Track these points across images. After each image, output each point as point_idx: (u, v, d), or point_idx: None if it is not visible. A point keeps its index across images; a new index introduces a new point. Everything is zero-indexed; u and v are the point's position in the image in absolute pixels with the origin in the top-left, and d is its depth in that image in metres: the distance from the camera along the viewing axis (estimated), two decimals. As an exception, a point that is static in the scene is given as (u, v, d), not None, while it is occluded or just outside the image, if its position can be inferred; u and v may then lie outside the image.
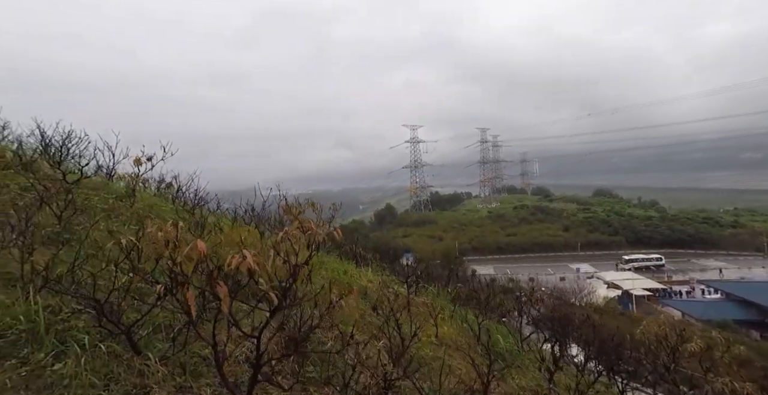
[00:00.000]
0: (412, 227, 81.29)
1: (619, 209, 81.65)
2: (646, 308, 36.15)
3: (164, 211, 4.53)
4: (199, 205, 5.21)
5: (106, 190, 4.49)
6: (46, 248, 3.05)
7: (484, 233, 72.76)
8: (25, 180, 3.79)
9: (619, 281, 42.94)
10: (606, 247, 63.02)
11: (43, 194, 3.16)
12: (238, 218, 4.89)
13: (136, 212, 4.06)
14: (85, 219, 3.58)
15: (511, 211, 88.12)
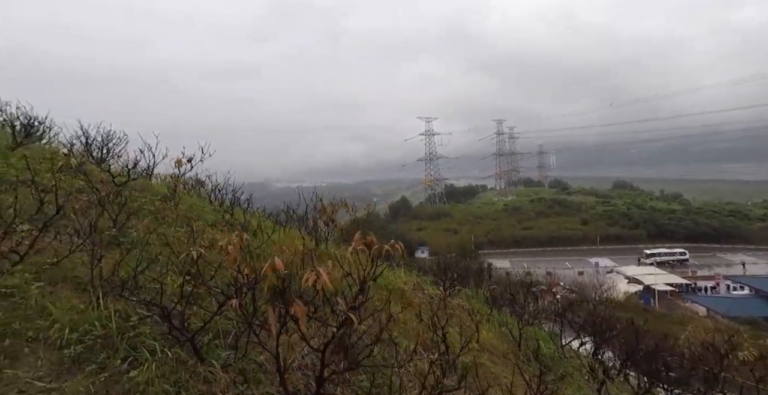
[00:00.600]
0: (426, 221, 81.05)
1: (641, 202, 79.29)
2: (668, 304, 35.25)
3: (205, 212, 4.60)
4: (235, 204, 5.27)
5: (149, 191, 4.59)
6: (106, 252, 3.13)
7: (500, 227, 71.94)
8: (80, 182, 3.91)
9: (640, 275, 41.90)
10: (626, 241, 61.46)
11: (101, 198, 3.25)
12: (277, 220, 4.93)
13: (181, 214, 4.14)
14: (136, 221, 3.67)
15: (528, 204, 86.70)
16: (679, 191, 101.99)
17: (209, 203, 5.16)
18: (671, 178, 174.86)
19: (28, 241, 2.81)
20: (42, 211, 2.73)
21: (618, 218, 68.08)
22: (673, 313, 29.66)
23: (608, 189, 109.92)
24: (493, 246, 64.58)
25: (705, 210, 67.52)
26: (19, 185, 3.43)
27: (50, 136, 4.85)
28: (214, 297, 2.37)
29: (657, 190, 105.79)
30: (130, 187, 4.33)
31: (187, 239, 3.58)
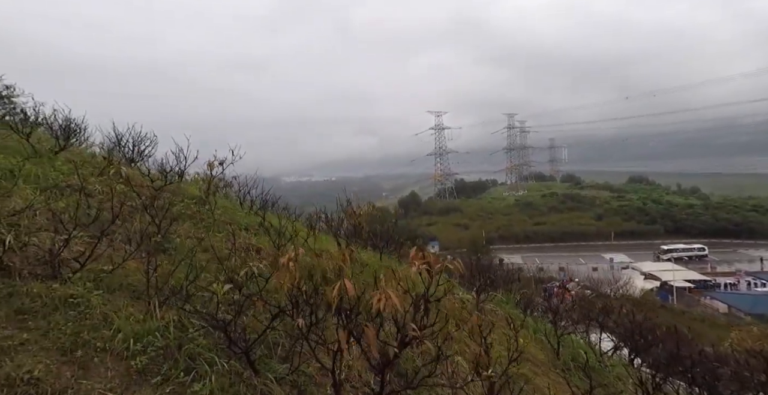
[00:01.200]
0: (437, 216, 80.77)
1: (657, 197, 77.49)
2: (687, 300, 34.50)
3: (238, 215, 4.59)
4: (265, 207, 5.26)
5: (182, 194, 4.60)
6: (153, 258, 3.14)
7: (512, 222, 71.28)
8: (121, 186, 3.94)
9: (657, 271, 41.10)
10: (642, 236, 60.27)
11: (146, 205, 3.26)
12: (311, 225, 4.90)
13: (217, 219, 4.14)
14: (176, 226, 3.68)
15: (540, 199, 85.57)
16: (696, 186, 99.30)
17: (240, 205, 5.15)
18: (689, 172, 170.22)
19: (82, 247, 2.84)
20: (96, 218, 2.73)
21: (633, 213, 66.73)
22: (692, 310, 29.04)
23: (623, 183, 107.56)
24: (504, 242, 64.10)
25: (725, 205, 65.60)
26: (68, 189, 3.46)
27: (86, 137, 4.89)
28: (269, 311, 2.35)
29: (673, 184, 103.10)
30: (165, 190, 4.35)
31: (228, 246, 3.57)
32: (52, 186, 3.39)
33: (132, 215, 3.60)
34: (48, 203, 3.01)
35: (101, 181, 3.82)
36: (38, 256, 2.56)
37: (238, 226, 4.25)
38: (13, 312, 2.13)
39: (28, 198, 3.00)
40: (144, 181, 4.16)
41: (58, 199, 3.24)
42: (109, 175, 4.06)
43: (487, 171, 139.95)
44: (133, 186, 3.82)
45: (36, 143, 3.90)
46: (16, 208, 2.75)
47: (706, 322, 25.21)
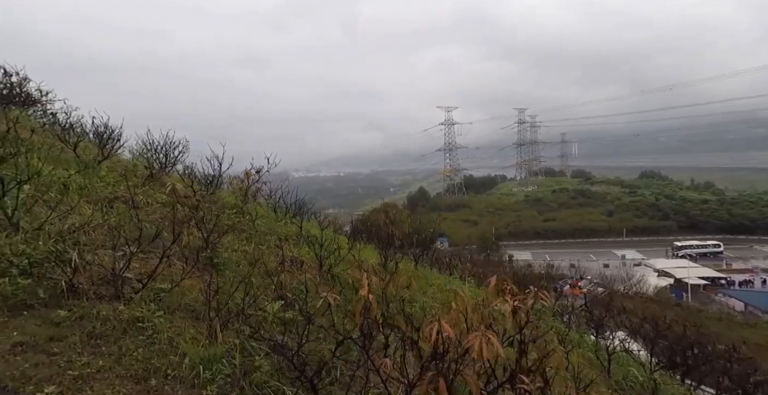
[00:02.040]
0: (446, 211, 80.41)
1: (670, 192, 76.08)
2: (702, 298, 33.96)
3: (276, 225, 4.54)
4: (299, 213, 5.20)
5: (220, 202, 4.56)
6: (202, 272, 3.10)
7: (521, 218, 70.68)
8: (163, 196, 3.91)
9: (671, 268, 40.44)
10: (655, 233, 59.31)
11: (197, 218, 3.21)
12: (341, 231, 4.83)
13: (258, 229, 4.09)
14: (221, 238, 3.63)
15: (550, 195, 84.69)
16: (710, 180, 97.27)
17: (274, 213, 5.10)
18: (701, 166, 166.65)
19: (137, 263, 2.80)
20: (156, 236, 2.69)
21: (646, 209, 65.64)
22: (708, 308, 28.57)
23: (634, 179, 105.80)
24: (513, 238, 63.63)
25: (741, 200, 64.10)
26: (116, 201, 3.43)
27: (122, 144, 4.86)
28: (334, 338, 2.28)
29: (686, 179, 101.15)
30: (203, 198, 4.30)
31: (272, 259, 3.53)
32: (102, 199, 3.37)
33: (178, 227, 3.56)
34: (105, 218, 2.97)
35: (144, 192, 3.78)
36: (100, 275, 2.53)
37: (278, 236, 4.20)
38: (86, 336, 2.10)
39: (83, 212, 2.97)
40: (186, 191, 4.12)
41: (108, 212, 3.21)
42: (151, 185, 4.04)
43: (496, 167, 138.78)
44: (177, 196, 3.78)
45: (81, 152, 3.87)
46: (74, 223, 2.72)
47: (723, 321, 24.77)
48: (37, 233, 2.52)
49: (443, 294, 4.25)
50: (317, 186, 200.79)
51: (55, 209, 2.86)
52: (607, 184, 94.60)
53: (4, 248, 2.26)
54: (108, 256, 2.69)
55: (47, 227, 2.54)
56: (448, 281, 4.89)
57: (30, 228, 2.47)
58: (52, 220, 2.62)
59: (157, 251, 3.06)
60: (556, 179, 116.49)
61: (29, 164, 3.06)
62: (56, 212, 2.68)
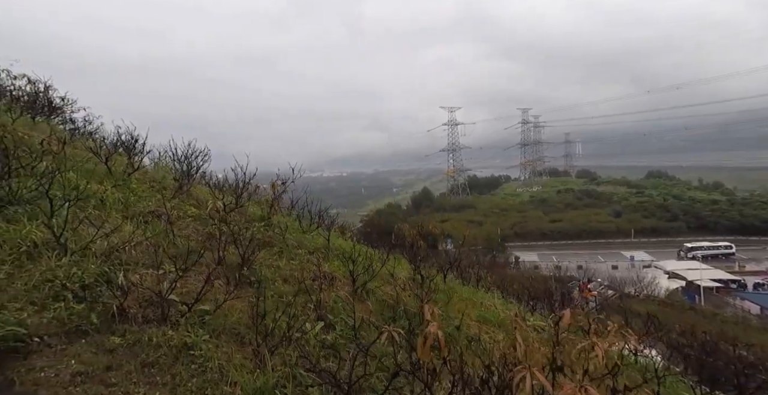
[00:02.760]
0: (450, 212, 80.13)
1: (678, 193, 75.20)
2: (715, 301, 33.45)
3: (303, 237, 4.42)
4: (323, 224, 5.08)
5: (245, 214, 4.46)
6: (244, 291, 3.00)
7: (527, 219, 70.19)
8: (192, 209, 3.81)
9: (681, 270, 39.90)
10: (664, 234, 58.58)
11: (235, 233, 3.11)
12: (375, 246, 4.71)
13: (288, 243, 3.99)
14: (253, 252, 3.53)
15: (555, 195, 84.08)
16: (718, 180, 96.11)
17: (297, 223, 4.98)
18: (709, 166, 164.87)
19: (177, 282, 2.70)
20: (200, 256, 2.59)
21: (654, 210, 64.88)
22: (723, 312, 28.10)
23: (641, 179, 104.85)
24: (519, 239, 63.19)
25: (752, 201, 63.14)
26: (149, 216, 3.34)
27: (146, 154, 4.78)
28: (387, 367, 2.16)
29: (694, 179, 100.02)
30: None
31: (304, 274, 3.42)
32: (137, 213, 3.28)
33: (211, 242, 3.46)
34: (144, 235, 2.88)
35: (176, 205, 3.70)
36: (145, 296, 2.43)
37: (306, 249, 4.09)
38: (140, 364, 2.01)
39: (122, 228, 2.87)
40: (214, 202, 4.02)
41: (145, 227, 3.12)
42: (180, 197, 3.95)
43: (500, 166, 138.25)
44: (206, 210, 3.68)
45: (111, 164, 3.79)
46: (115, 241, 2.62)
47: (740, 325, 24.33)
48: (83, 252, 2.43)
49: (475, 308, 4.10)
50: (320, 186, 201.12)
51: (94, 225, 2.77)
52: (613, 184, 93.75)
53: (57, 271, 2.17)
54: (150, 276, 2.60)
55: (92, 246, 2.45)
56: (475, 294, 4.74)
57: (77, 249, 2.39)
58: (96, 238, 2.53)
59: (195, 269, 2.97)
60: (560, 180, 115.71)
61: (66, 179, 2.98)
62: (100, 229, 2.59)
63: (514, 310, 4.70)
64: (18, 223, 2.43)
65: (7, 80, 5.79)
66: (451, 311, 3.59)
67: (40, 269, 2.17)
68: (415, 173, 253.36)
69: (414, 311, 3.13)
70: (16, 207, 2.53)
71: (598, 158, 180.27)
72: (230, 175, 5.97)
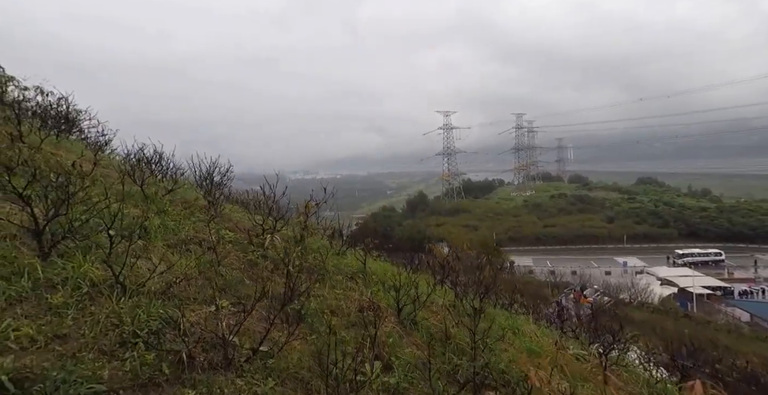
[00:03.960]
0: (445, 216, 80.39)
1: (668, 199, 76.61)
2: (707, 308, 34.01)
3: (338, 260, 4.32)
4: (349, 244, 4.98)
5: (281, 237, 4.35)
6: (293, 326, 2.90)
7: (521, 223, 70.77)
8: (228, 233, 3.70)
9: (673, 277, 40.55)
10: (655, 240, 59.58)
11: (284, 262, 3.02)
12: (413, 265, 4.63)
13: (329, 269, 3.91)
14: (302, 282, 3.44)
15: (548, 200, 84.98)
16: (706, 187, 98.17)
17: (329, 244, 4.88)
18: (697, 172, 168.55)
19: (240, 324, 2.61)
20: (266, 294, 2.49)
21: (646, 216, 65.98)
22: (716, 320, 28.57)
23: (632, 184, 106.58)
24: (514, 243, 63.63)
25: (740, 208, 64.63)
26: (191, 243, 3.23)
27: (172, 170, 4.65)
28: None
29: (682, 185, 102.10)
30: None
31: (348, 304, 3.35)
32: (179, 241, 3.16)
33: (253, 270, 3.37)
34: (195, 267, 2.77)
35: (214, 230, 3.58)
36: (203, 337, 2.33)
37: (344, 274, 4.01)
38: (216, 421, 1.90)
39: (167, 259, 2.77)
40: (243, 220, 3.93)
41: (188, 256, 3.01)
42: (215, 220, 3.84)
43: (493, 170, 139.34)
44: (239, 232, 3.58)
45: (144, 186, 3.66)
46: (169, 277, 2.52)
47: (733, 334, 24.76)
48: (138, 289, 2.32)
49: (518, 337, 4.03)
50: (313, 188, 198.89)
51: (143, 257, 2.66)
52: (605, 190, 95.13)
53: (121, 315, 2.06)
54: (205, 313, 2.50)
55: (148, 283, 2.35)
56: (512, 319, 4.65)
57: (134, 288, 2.28)
58: (153, 275, 2.43)
59: (245, 302, 2.87)
60: (553, 184, 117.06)
61: (108, 207, 2.86)
62: (157, 267, 2.48)
63: (551, 335, 4.63)
64: (73, 258, 2.31)
65: (15, 91, 5.59)
66: (494, 339, 3.43)
67: (103, 311, 2.05)
68: (409, 176, 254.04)
69: (462, 345, 3.06)
70: (68, 241, 2.40)
71: (589, 163, 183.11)
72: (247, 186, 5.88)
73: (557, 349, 3.86)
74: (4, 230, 2.37)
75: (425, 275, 5.00)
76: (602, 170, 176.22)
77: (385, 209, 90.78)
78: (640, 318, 27.82)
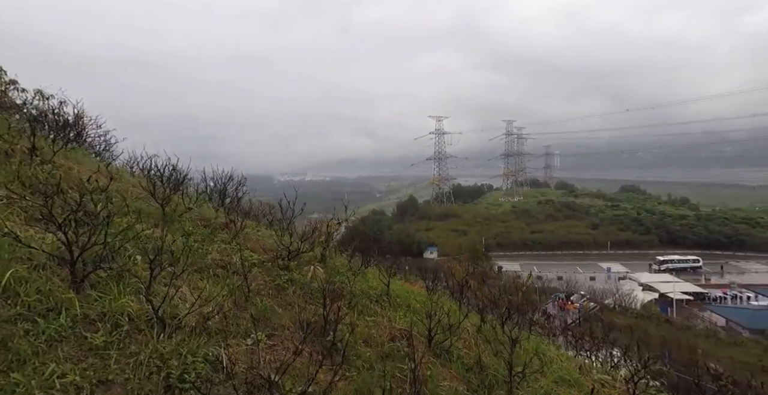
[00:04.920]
0: (434, 221, 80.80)
1: (650, 207, 79.01)
2: (685, 313, 35.10)
3: (362, 283, 4.26)
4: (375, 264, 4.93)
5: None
6: (329, 360, 2.85)
7: (509, 229, 71.73)
8: (253, 255, 3.62)
9: (655, 283, 41.76)
10: (637, 246, 61.29)
11: (324, 290, 2.97)
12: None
13: (353, 293, 3.86)
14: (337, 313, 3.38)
15: (536, 206, 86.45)
16: (686, 196, 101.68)
17: (347, 262, 4.82)
18: (676, 181, 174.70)
19: (267, 353, 2.55)
20: (308, 329, 2.45)
21: (629, 223, 67.84)
22: (695, 325, 29.50)
23: (615, 192, 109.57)
24: (502, 249, 64.43)
25: (717, 217, 67.21)
26: (220, 269, 3.15)
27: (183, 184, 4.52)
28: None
29: (662, 193, 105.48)
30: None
31: (378, 332, 3.32)
32: (206, 266, 3.08)
33: (282, 296, 3.30)
34: (228, 297, 2.71)
35: (234, 250, 3.51)
36: (246, 376, 2.27)
37: (369, 298, 3.96)
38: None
39: (197, 287, 2.69)
40: (270, 241, 3.85)
41: (215, 282, 2.93)
42: (237, 240, 3.76)
43: (482, 175, 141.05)
44: (262, 253, 3.52)
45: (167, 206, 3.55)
46: (205, 309, 2.44)
47: (711, 339, 25.60)
48: (177, 324, 2.25)
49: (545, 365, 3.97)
50: (303, 190, 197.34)
51: (172, 285, 2.57)
52: (590, 197, 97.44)
53: (165, 355, 1.98)
54: (242, 347, 2.44)
55: (186, 317, 2.27)
56: (536, 342, 4.58)
57: (173, 323, 2.20)
58: (176, 300, 2.35)
59: (279, 333, 2.81)
60: (540, 190, 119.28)
61: (138, 234, 2.76)
62: (173, 289, 2.41)
63: (573, 359, 4.61)
64: (107, 289, 2.20)
65: (14, 92, 5.36)
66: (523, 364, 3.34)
67: (145, 351, 1.97)
68: (398, 180, 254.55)
69: (498, 377, 3.05)
70: (100, 270, 2.30)
71: (574, 170, 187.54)
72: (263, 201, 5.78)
73: (583, 374, 3.88)
74: (34, 258, 2.25)
75: (445, 296, 4.97)
76: (587, 177, 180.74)
77: (375, 213, 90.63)
78: (624, 323, 28.43)
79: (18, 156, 3.24)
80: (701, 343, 24.71)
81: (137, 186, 3.78)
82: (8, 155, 3.16)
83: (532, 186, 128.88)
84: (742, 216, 66.86)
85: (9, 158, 3.11)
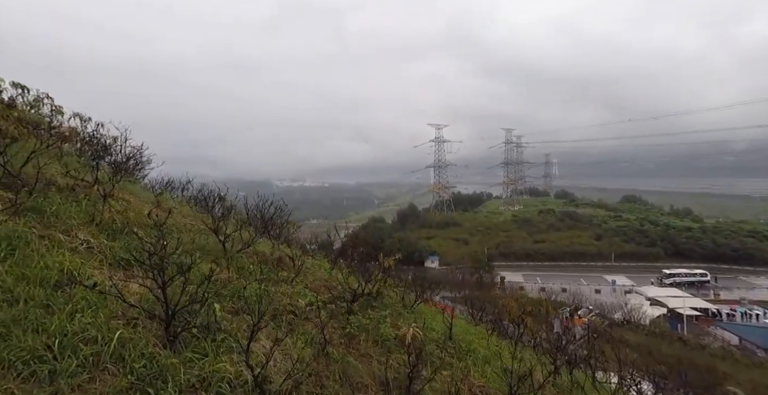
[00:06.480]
0: (435, 229, 79.95)
1: (653, 218, 78.24)
2: (696, 330, 34.07)
3: (422, 323, 3.49)
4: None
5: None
6: None
7: (511, 239, 70.92)
8: (306, 292, 2.92)
9: (662, 297, 40.79)
10: (642, 259, 60.37)
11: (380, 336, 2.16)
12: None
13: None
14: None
15: (537, 215, 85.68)
16: (688, 206, 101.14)
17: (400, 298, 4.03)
18: (676, 191, 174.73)
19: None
20: None
21: (633, 235, 67.00)
22: (709, 344, 28.44)
23: (617, 202, 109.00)
24: (504, 259, 63.53)
25: (723, 229, 66.31)
26: (290, 315, 2.49)
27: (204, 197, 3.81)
28: None
29: (664, 203, 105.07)
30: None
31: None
32: (277, 312, 2.57)
33: (354, 345, 2.58)
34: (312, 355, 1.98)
35: (298, 292, 2.83)
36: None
37: (435, 343, 3.22)
38: None
39: (278, 342, 2.12)
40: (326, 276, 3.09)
41: (295, 336, 2.30)
42: (297, 279, 3.05)
43: (482, 183, 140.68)
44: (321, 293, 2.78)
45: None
46: (281, 364, 1.84)
47: (728, 359, 24.54)
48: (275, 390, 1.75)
49: None
50: (301, 196, 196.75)
51: (255, 340, 1.96)
52: (592, 207, 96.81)
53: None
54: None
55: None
56: None
57: (269, 388, 1.91)
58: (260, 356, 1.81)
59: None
60: (540, 199, 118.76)
61: (195, 265, 2.19)
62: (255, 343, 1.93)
63: None
64: (199, 348, 1.95)
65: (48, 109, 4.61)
66: None
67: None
68: (397, 187, 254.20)
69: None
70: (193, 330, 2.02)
71: (573, 179, 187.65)
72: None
73: None
74: (127, 313, 1.99)
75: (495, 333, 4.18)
76: (587, 185, 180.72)
77: (375, 220, 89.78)
78: (636, 340, 27.41)
79: (82, 191, 2.91)
80: (718, 364, 23.63)
81: (187, 216, 3.27)
82: (74, 190, 2.89)
83: (532, 195, 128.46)
84: (749, 229, 65.90)
85: (76, 194, 2.86)
